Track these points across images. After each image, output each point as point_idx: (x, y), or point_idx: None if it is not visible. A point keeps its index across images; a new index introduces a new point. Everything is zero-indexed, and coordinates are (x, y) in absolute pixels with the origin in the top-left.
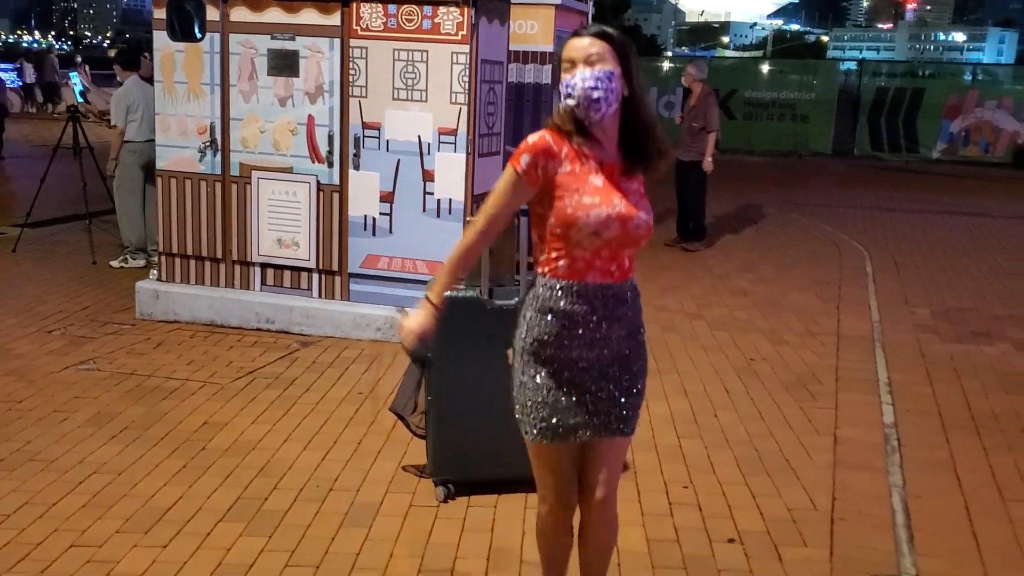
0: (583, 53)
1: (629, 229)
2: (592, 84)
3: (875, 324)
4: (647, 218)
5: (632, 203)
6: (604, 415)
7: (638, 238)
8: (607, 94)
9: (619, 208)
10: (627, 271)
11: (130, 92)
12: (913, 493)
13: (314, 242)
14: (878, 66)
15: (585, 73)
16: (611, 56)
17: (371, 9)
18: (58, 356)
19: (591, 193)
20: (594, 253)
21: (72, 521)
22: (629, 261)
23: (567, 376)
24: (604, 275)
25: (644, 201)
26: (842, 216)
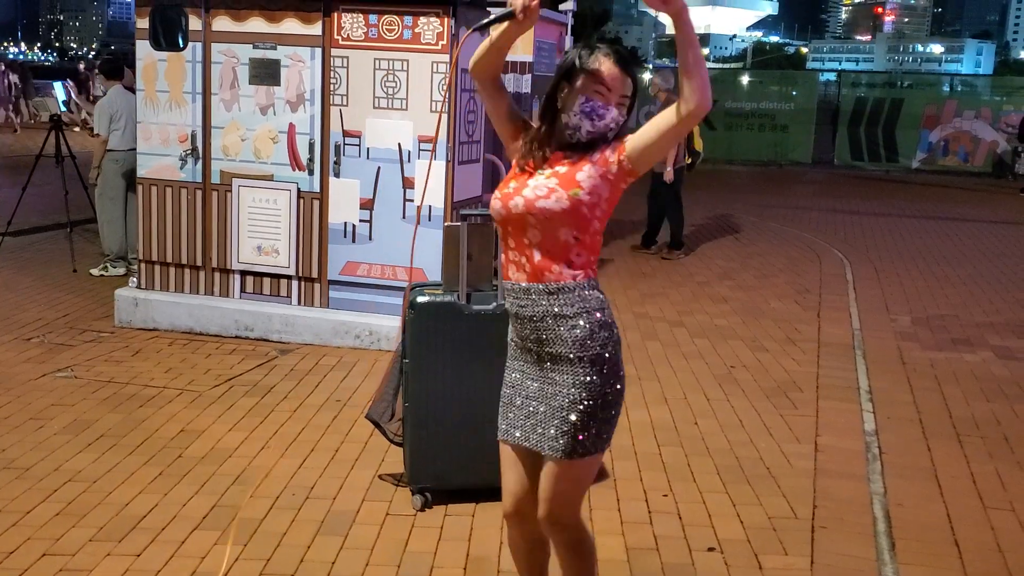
0: (620, 91)
1: (510, 211)
2: (613, 127)
3: (856, 332)
4: (529, 195)
5: (526, 185)
6: (539, 431)
7: (519, 220)
8: (609, 133)
9: (507, 189)
10: (540, 269)
11: (113, 101)
12: (894, 501)
13: (294, 249)
14: (857, 77)
15: (614, 113)
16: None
17: (352, 19)
18: (36, 364)
19: (504, 182)
20: (504, 243)
21: (45, 529)
22: (542, 257)
23: (516, 378)
24: (517, 268)
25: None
26: (823, 224)
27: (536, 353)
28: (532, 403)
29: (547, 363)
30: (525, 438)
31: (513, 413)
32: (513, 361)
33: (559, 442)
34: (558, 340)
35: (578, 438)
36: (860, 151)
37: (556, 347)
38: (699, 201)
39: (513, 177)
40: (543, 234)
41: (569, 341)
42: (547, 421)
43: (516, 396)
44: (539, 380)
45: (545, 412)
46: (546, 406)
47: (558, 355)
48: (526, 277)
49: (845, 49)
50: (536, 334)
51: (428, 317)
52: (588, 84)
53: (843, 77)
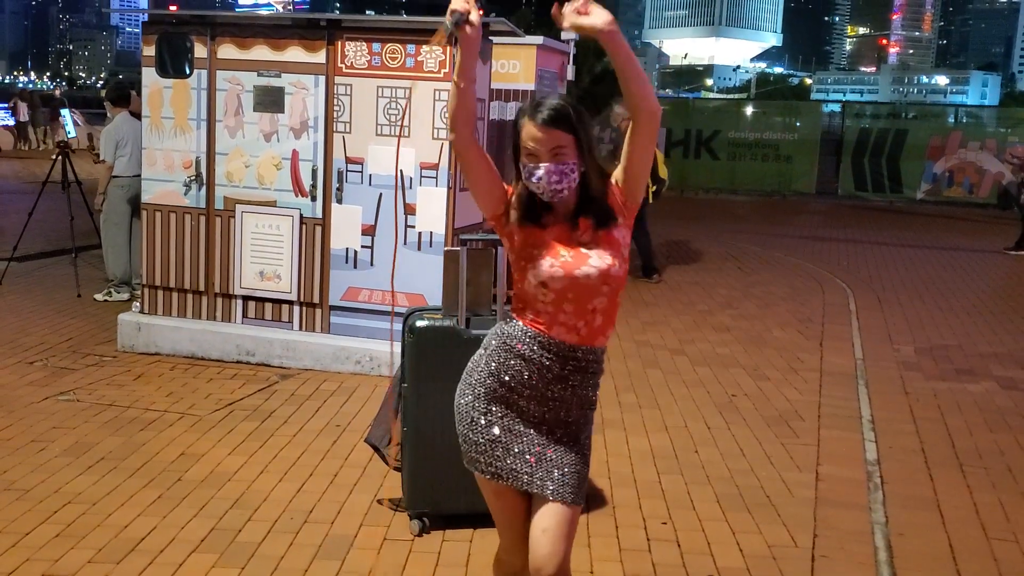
0: (548, 147)
1: (579, 280)
2: (556, 179)
3: (858, 361)
4: (599, 265)
5: (583, 253)
6: (545, 475)
7: (591, 288)
8: (570, 182)
9: (565, 259)
10: (596, 332)
11: (119, 127)
12: (896, 531)
13: (296, 275)
14: (861, 107)
15: (550, 167)
16: (572, 145)
17: (356, 47)
18: (38, 387)
19: (539, 246)
20: (555, 307)
21: (44, 551)
22: (602, 321)
23: (517, 422)
24: (569, 332)
25: (600, 250)
26: (826, 254)
27: (555, 408)
28: (539, 450)
29: (563, 417)
30: (527, 483)
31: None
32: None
33: (569, 486)
34: (582, 398)
35: (579, 484)
36: (864, 182)
37: (577, 402)
38: (702, 230)
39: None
40: (609, 300)
41: (590, 398)
42: (552, 467)
43: (515, 442)
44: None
45: (555, 459)
46: (557, 455)
47: (578, 412)
48: (578, 339)
49: (849, 80)
50: (562, 389)
51: (427, 341)
52: (523, 150)
53: (847, 108)
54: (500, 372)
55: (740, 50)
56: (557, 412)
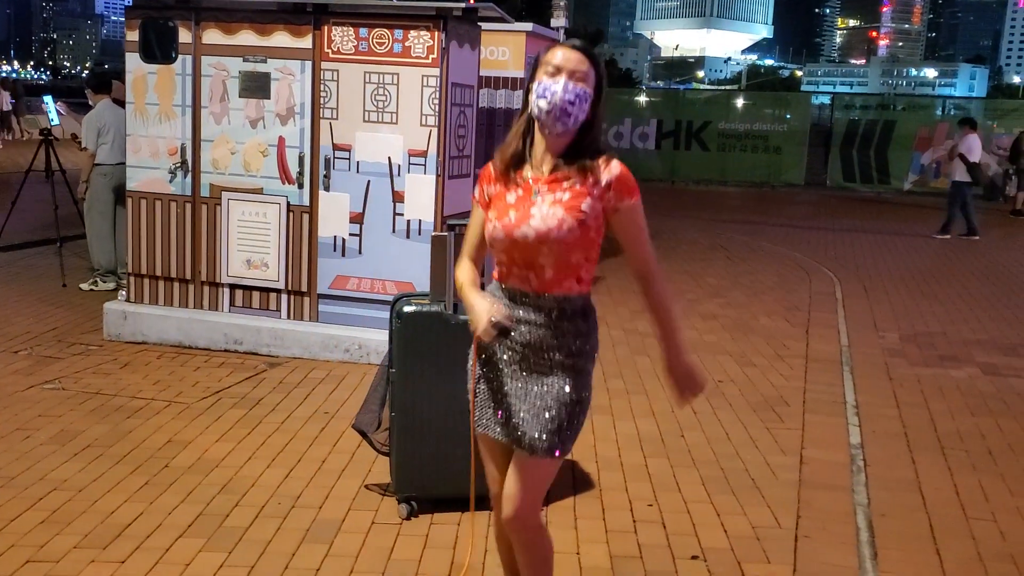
0: (572, 66)
1: (516, 239)
2: (571, 98)
3: (843, 348)
4: (539, 227)
5: (530, 214)
6: (520, 427)
7: (530, 248)
8: (578, 113)
9: (508, 220)
10: (549, 284)
11: (101, 115)
12: (878, 511)
13: (283, 263)
14: (851, 99)
15: (568, 85)
16: (592, 79)
17: (342, 32)
18: (24, 376)
19: (498, 209)
20: (510, 261)
21: (30, 537)
22: (553, 273)
23: (496, 375)
24: (521, 281)
25: (554, 209)
26: (813, 244)
27: (523, 355)
28: (512, 400)
29: (536, 365)
30: (506, 435)
31: (490, 408)
32: (491, 357)
33: (540, 439)
34: (556, 347)
35: (555, 437)
36: (852, 173)
37: (552, 353)
38: (692, 221)
39: (508, 204)
40: (556, 258)
41: (565, 348)
42: (530, 420)
43: (495, 392)
44: (522, 381)
45: (528, 411)
46: (529, 404)
47: (552, 360)
48: (532, 288)
49: (839, 73)
50: (531, 338)
51: (415, 327)
52: (541, 72)
53: (836, 99)
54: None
55: (731, 42)
56: (534, 357)
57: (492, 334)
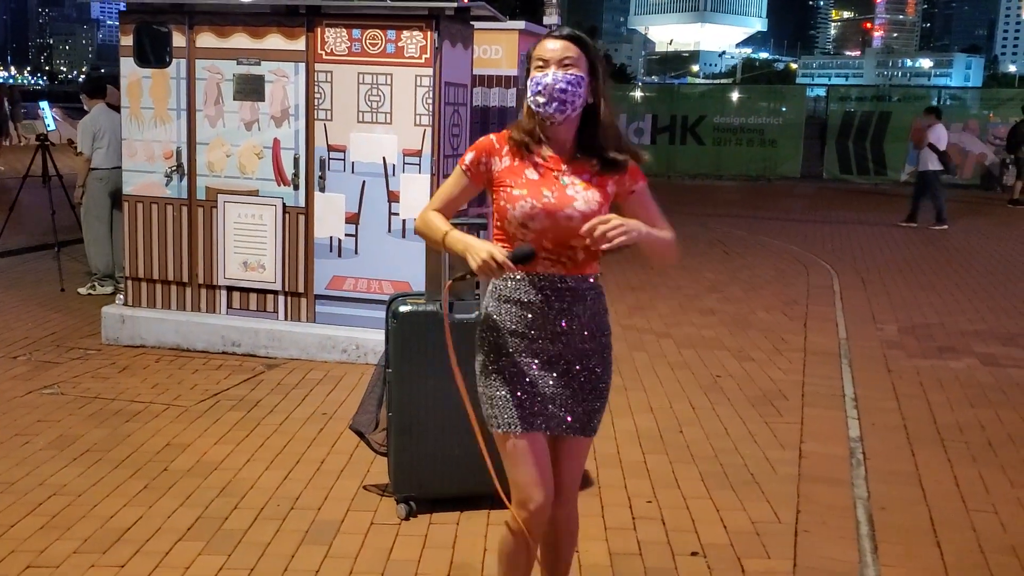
0: (558, 56)
1: (560, 220)
2: (563, 86)
3: (842, 341)
4: (584, 209)
5: (569, 194)
6: (567, 412)
7: (571, 229)
8: (574, 98)
9: (547, 199)
10: (582, 265)
11: (96, 120)
12: (878, 505)
13: (280, 264)
14: (846, 91)
15: (557, 75)
16: (583, 62)
17: (335, 34)
18: (22, 381)
19: (521, 186)
20: (536, 244)
21: (30, 542)
22: (585, 255)
23: (532, 368)
24: (554, 266)
25: (591, 191)
26: (810, 237)
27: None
28: (559, 390)
29: (573, 350)
30: (556, 424)
31: (533, 405)
32: (517, 356)
33: (593, 421)
34: (594, 327)
35: (600, 416)
36: (849, 165)
37: (590, 333)
38: (689, 216)
39: (533, 182)
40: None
41: (601, 327)
42: (580, 403)
43: (538, 387)
44: (561, 369)
45: (574, 396)
46: (575, 390)
47: (589, 342)
48: (566, 270)
49: (834, 65)
50: (572, 323)
51: (411, 327)
52: (532, 68)
53: (832, 91)
54: (503, 324)
55: (726, 36)
56: (570, 345)
57: (493, 268)
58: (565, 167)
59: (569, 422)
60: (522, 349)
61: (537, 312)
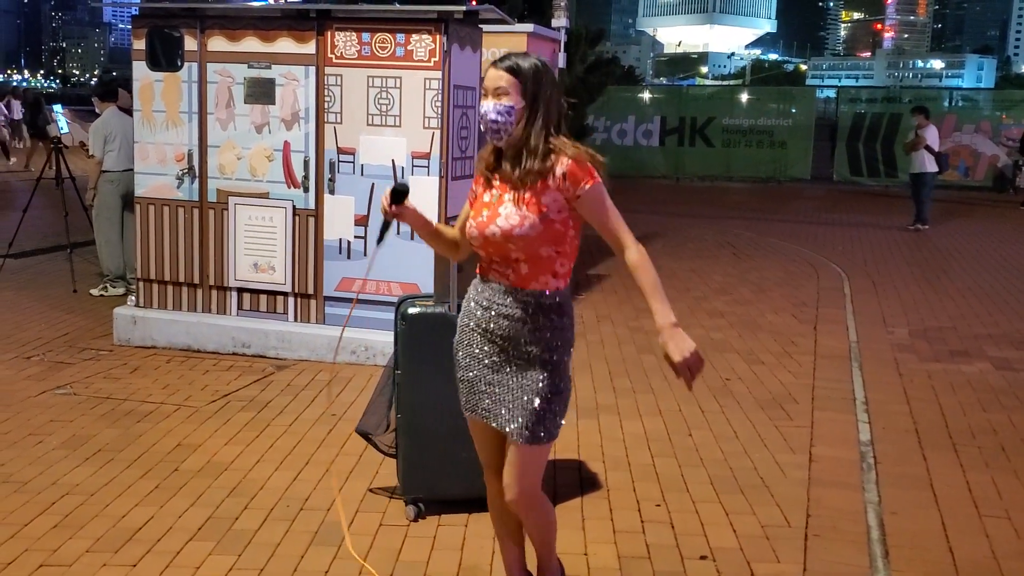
0: (492, 85)
1: (487, 237)
2: (493, 116)
3: (852, 344)
4: (504, 225)
5: (498, 213)
6: (504, 413)
7: (498, 245)
8: (506, 125)
9: (481, 219)
10: (525, 279)
11: (108, 123)
12: (889, 509)
13: (290, 266)
14: (856, 92)
15: (491, 105)
16: (516, 90)
17: (345, 37)
18: (35, 381)
19: (475, 208)
20: (488, 257)
21: (43, 541)
22: (528, 269)
23: (480, 362)
24: (500, 276)
25: (515, 208)
26: (821, 239)
27: (503, 348)
28: (496, 389)
29: (514, 358)
30: (493, 419)
31: (476, 395)
32: (472, 347)
33: (526, 429)
34: (534, 340)
35: (539, 427)
36: (859, 166)
37: (530, 346)
38: (698, 217)
39: (483, 204)
40: (527, 254)
41: (543, 343)
42: (515, 410)
43: (479, 381)
44: (503, 373)
45: (512, 401)
46: (512, 396)
47: (529, 354)
48: (510, 282)
49: (844, 66)
50: (510, 332)
51: (419, 328)
52: (483, 95)
53: (842, 93)
54: (467, 321)
55: (735, 37)
56: (513, 350)
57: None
58: (505, 186)
59: (506, 423)
60: (472, 343)
61: (483, 315)
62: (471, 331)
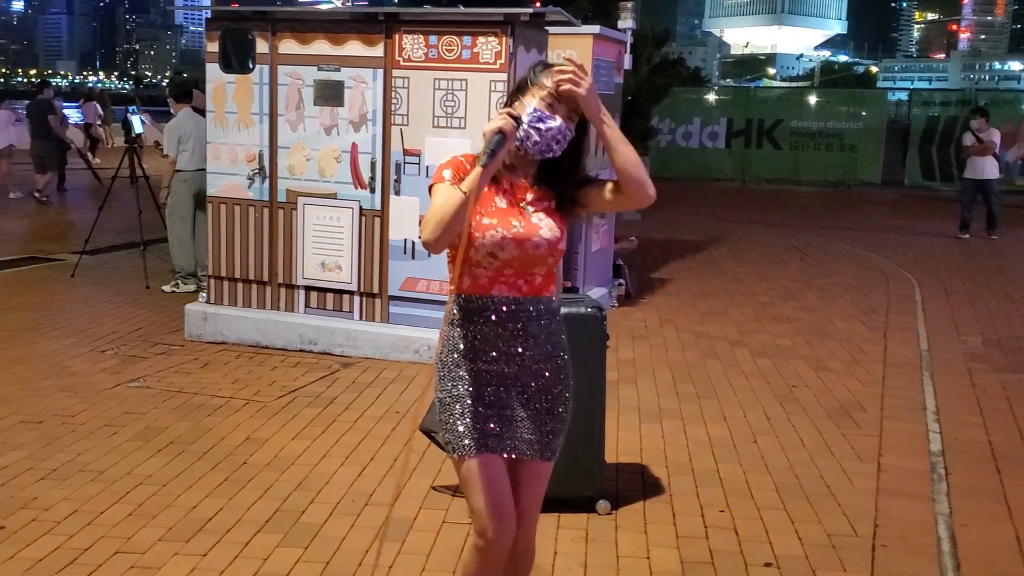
0: (569, 107)
1: (527, 250)
2: (559, 140)
3: (923, 352)
4: (549, 237)
5: (534, 223)
6: (525, 435)
7: (539, 258)
8: (559, 149)
9: (516, 229)
10: (539, 288)
11: (182, 123)
12: (960, 522)
13: (356, 265)
14: (930, 95)
15: (563, 125)
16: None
17: (413, 40)
18: (111, 374)
19: (491, 215)
20: (496, 271)
21: (118, 529)
22: (542, 279)
23: (487, 391)
24: (511, 288)
25: (551, 220)
26: (891, 245)
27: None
28: (510, 412)
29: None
30: (513, 448)
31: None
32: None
33: (550, 444)
34: (549, 345)
35: (558, 440)
36: (932, 171)
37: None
38: (764, 221)
39: (502, 211)
40: (549, 266)
41: (558, 346)
42: (532, 426)
43: (488, 410)
44: (514, 390)
45: (532, 418)
46: (528, 411)
47: (545, 362)
48: (522, 293)
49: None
50: (526, 342)
51: None
52: (538, 96)
53: (914, 95)
54: (457, 347)
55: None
56: (526, 367)
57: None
58: (530, 195)
59: (527, 444)
60: (477, 372)
61: (491, 335)
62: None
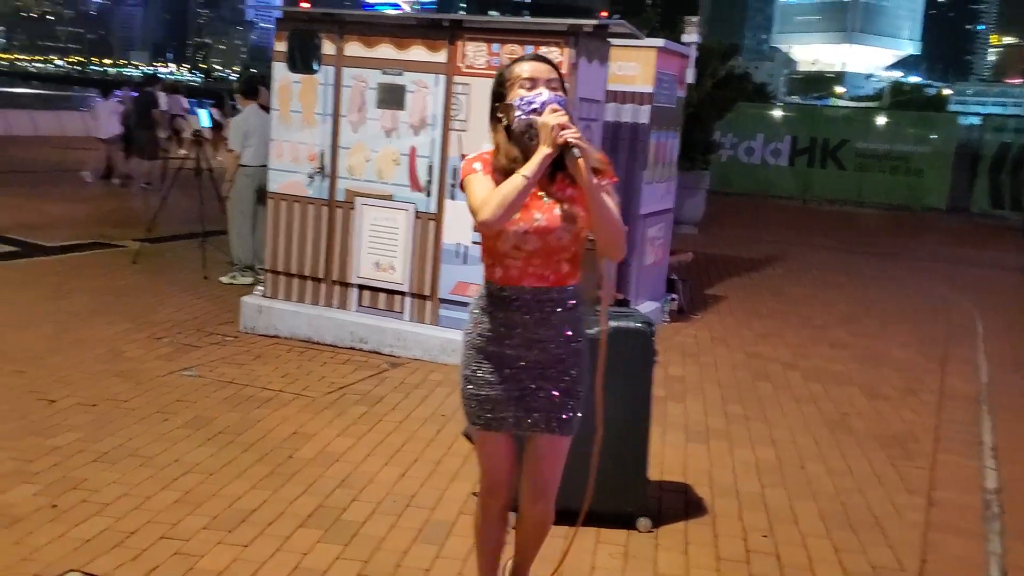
0: (545, 76)
1: (551, 241)
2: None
3: (983, 386)
4: (570, 227)
5: (556, 214)
6: (542, 413)
7: (562, 248)
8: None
9: (538, 222)
10: (564, 277)
11: (247, 119)
12: (1014, 564)
13: (409, 267)
14: (1003, 121)
15: (545, 94)
16: (559, 84)
17: (475, 48)
18: (165, 361)
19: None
20: (525, 261)
21: (164, 515)
22: (569, 268)
23: (507, 372)
24: (539, 279)
25: (573, 208)
26: (955, 275)
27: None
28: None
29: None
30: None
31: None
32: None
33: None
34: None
35: (575, 417)
36: (1001, 199)
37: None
38: (824, 242)
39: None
40: (573, 254)
41: (579, 330)
42: (550, 405)
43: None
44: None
45: (545, 396)
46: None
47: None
48: (549, 282)
49: (991, 93)
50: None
51: None
52: (515, 87)
53: (987, 120)
54: (483, 332)
55: (874, 57)
56: (546, 351)
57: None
58: (551, 187)
59: (545, 420)
60: (500, 354)
61: (517, 322)
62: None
